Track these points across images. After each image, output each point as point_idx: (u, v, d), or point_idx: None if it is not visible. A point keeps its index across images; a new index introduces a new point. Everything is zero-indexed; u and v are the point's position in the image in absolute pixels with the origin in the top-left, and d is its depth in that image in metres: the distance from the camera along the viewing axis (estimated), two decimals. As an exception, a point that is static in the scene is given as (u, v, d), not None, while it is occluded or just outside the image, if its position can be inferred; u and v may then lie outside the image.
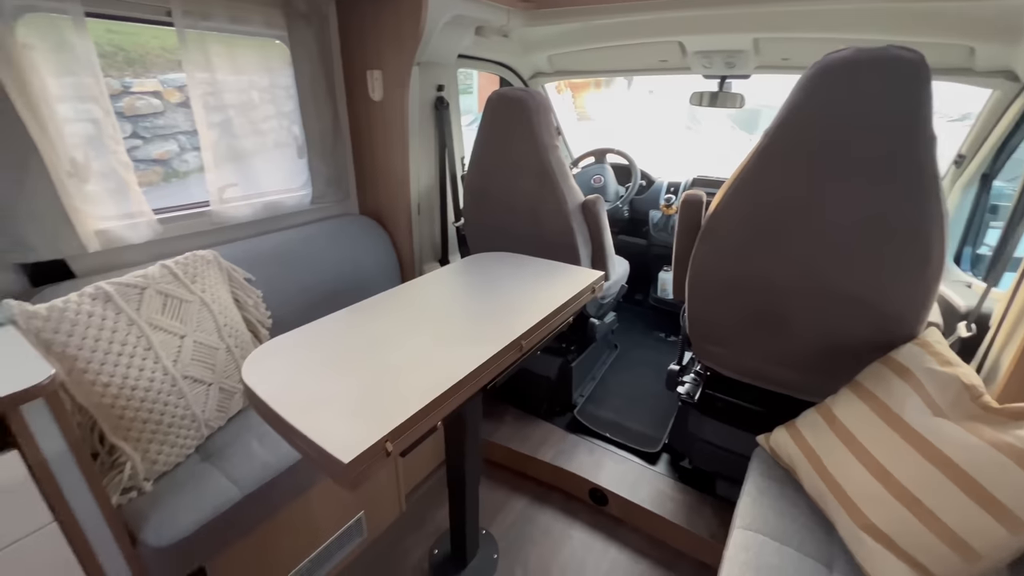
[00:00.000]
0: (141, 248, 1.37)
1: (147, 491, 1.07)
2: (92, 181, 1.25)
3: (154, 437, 1.10)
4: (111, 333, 1.05)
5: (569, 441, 1.92)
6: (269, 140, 1.70)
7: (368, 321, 1.13)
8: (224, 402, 1.26)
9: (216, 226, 1.54)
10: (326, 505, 1.40)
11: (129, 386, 1.05)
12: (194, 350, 1.19)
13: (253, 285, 1.46)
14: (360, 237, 1.89)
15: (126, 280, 1.12)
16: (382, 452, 0.76)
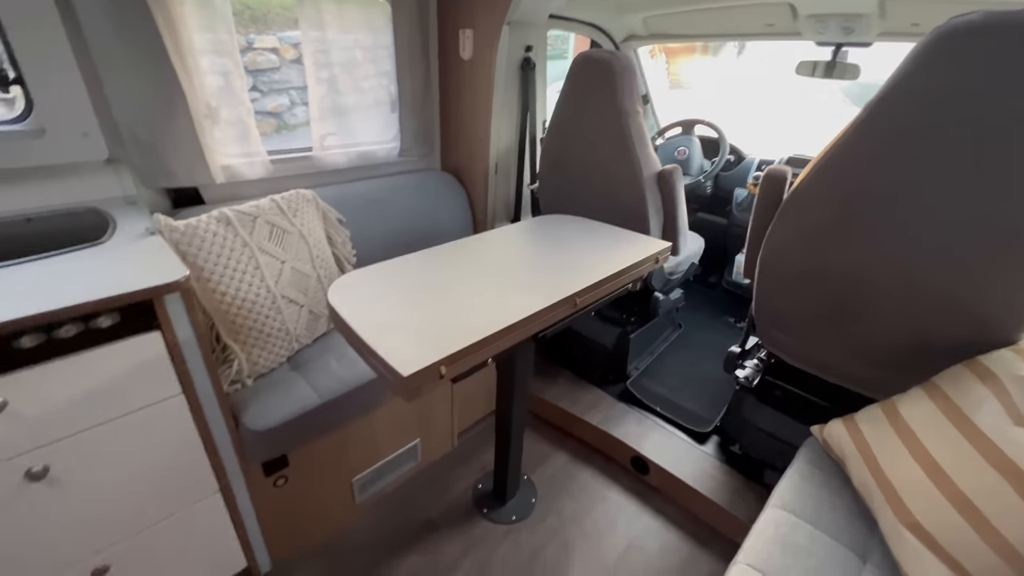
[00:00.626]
0: (255, 184, 1.58)
1: (248, 386, 1.29)
2: (222, 123, 1.45)
3: (256, 343, 1.30)
4: (229, 251, 1.24)
5: (618, 409, 1.95)
6: (367, 96, 1.84)
7: (439, 264, 1.24)
8: (312, 323, 1.45)
9: (316, 170, 1.73)
10: (388, 426, 1.58)
11: (240, 297, 1.25)
12: (292, 275, 1.37)
13: (343, 225, 1.63)
14: (440, 192, 2.00)
15: (243, 208, 1.31)
16: (436, 374, 0.86)
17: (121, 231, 1.14)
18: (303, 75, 1.62)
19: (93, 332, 0.90)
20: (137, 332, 0.95)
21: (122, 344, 0.93)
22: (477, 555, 1.50)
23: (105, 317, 0.90)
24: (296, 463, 1.36)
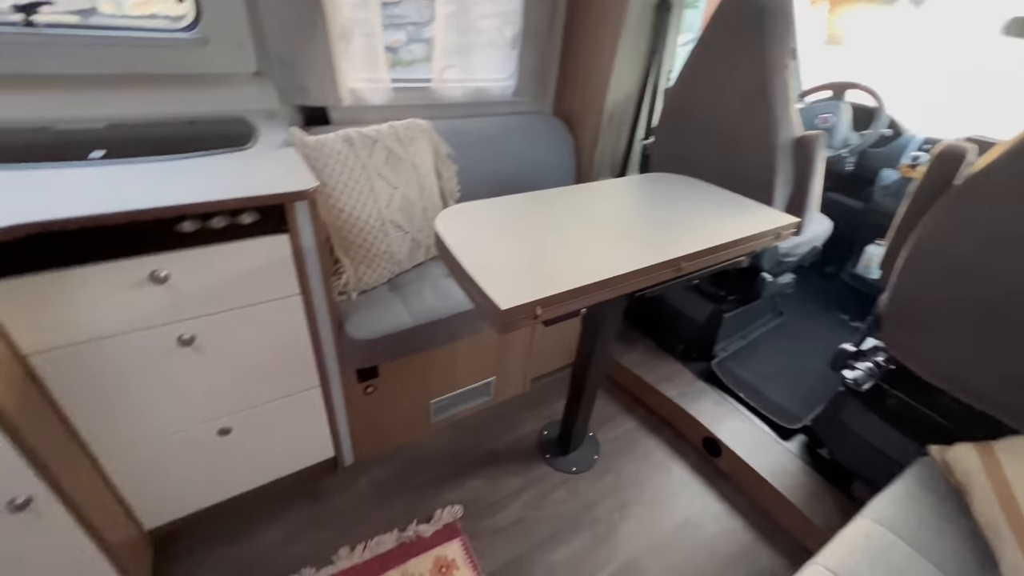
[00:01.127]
0: (376, 109, 1.64)
1: (352, 299, 1.40)
2: (354, 46, 1.50)
3: (363, 261, 1.40)
4: (350, 171, 1.32)
5: (696, 387, 1.88)
6: (490, 29, 1.80)
7: (545, 208, 1.23)
8: (413, 251, 1.52)
9: (432, 102, 1.75)
10: (468, 360, 1.65)
11: (354, 216, 1.34)
12: (400, 202, 1.43)
13: (451, 160, 1.66)
14: (547, 137, 1.95)
15: (365, 131, 1.37)
16: (532, 313, 0.87)
17: (262, 140, 1.25)
18: (421, 11, 1.61)
19: (238, 227, 1.01)
20: (271, 232, 1.05)
21: (258, 241, 1.05)
22: (534, 492, 1.56)
23: (247, 214, 1.01)
24: (385, 376, 1.47)
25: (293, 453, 1.43)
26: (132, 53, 1.24)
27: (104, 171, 0.99)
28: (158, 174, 1.00)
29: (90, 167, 1.00)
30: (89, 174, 0.97)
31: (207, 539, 1.36)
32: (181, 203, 0.90)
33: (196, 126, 1.30)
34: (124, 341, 1.00)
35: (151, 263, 0.95)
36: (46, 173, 0.95)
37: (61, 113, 1.23)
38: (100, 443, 1.08)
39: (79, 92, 1.24)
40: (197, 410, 1.17)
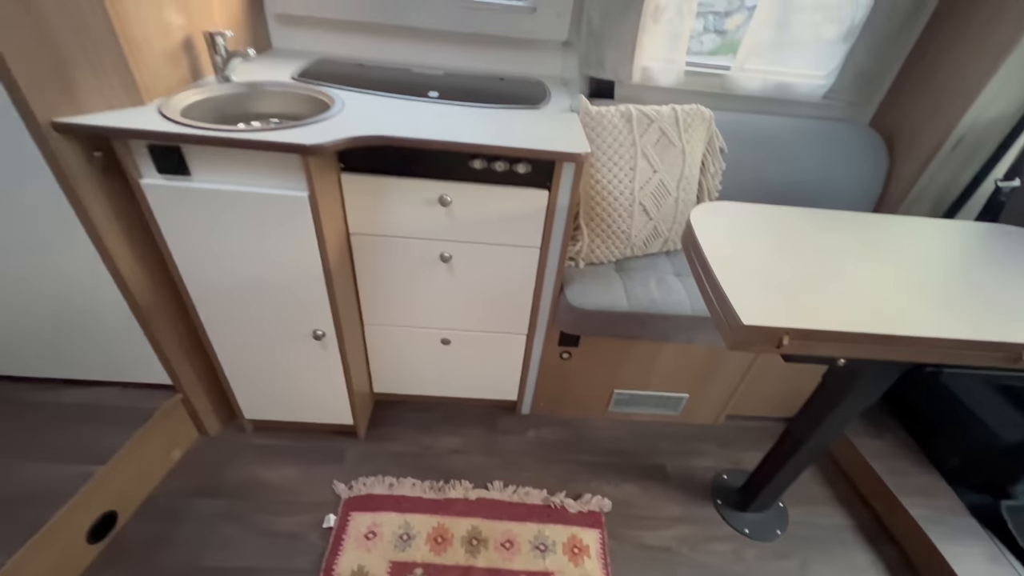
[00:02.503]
0: (662, 91, 1.60)
1: (580, 267, 1.45)
2: (662, 23, 1.48)
3: (600, 233, 1.42)
4: (619, 145, 1.33)
5: (963, 523, 1.38)
6: (816, 20, 1.54)
7: (829, 230, 1.03)
8: (651, 239, 1.48)
9: (723, 91, 1.62)
10: (668, 367, 1.56)
11: (607, 189, 1.36)
12: (656, 187, 1.39)
13: (722, 157, 1.52)
14: (852, 151, 1.61)
15: (645, 110, 1.36)
16: (775, 339, 0.75)
17: (552, 103, 1.35)
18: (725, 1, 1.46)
19: (513, 174, 1.13)
20: (535, 186, 1.15)
21: (524, 191, 1.16)
22: (691, 530, 1.42)
23: (523, 164, 1.12)
24: (584, 348, 1.51)
25: (486, 384, 1.61)
26: (477, 15, 1.48)
27: (434, 108, 1.22)
28: (469, 117, 1.19)
29: (426, 103, 1.24)
30: (425, 108, 1.21)
31: (407, 418, 1.66)
32: (479, 143, 1.05)
33: (505, 83, 1.49)
34: (407, 244, 1.25)
35: (443, 188, 1.15)
36: (399, 103, 1.23)
37: (418, 60, 1.57)
38: (368, 315, 1.41)
39: (432, 44, 1.55)
40: (434, 316, 1.41)
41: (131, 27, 0.98)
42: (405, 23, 1.49)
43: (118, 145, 0.97)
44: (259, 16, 1.47)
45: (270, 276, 1.17)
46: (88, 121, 0.92)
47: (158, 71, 1.07)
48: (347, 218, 1.20)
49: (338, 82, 1.30)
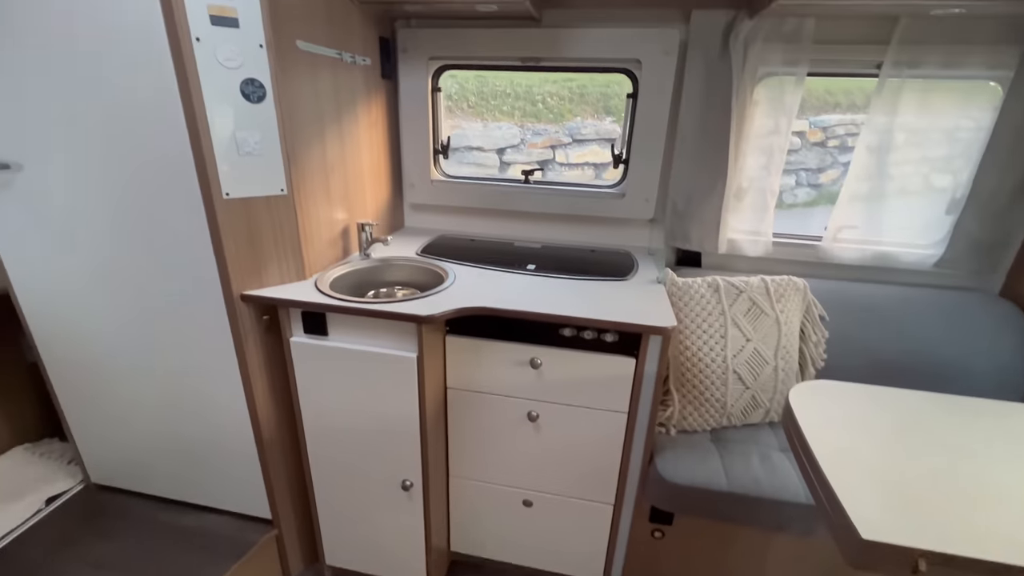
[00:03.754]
0: (749, 260, 1.65)
1: (671, 434, 1.39)
2: (745, 202, 1.60)
3: (692, 400, 1.38)
4: (707, 314, 1.36)
5: None
6: (918, 187, 1.56)
7: (961, 420, 0.91)
8: (750, 409, 1.39)
9: (816, 260, 1.62)
10: (787, 565, 1.32)
11: (697, 356, 1.35)
12: (751, 355, 1.36)
13: (824, 324, 1.47)
14: (985, 325, 1.46)
15: (733, 280, 1.40)
16: (909, 562, 0.64)
17: (639, 274, 1.46)
18: (820, 158, 1.54)
19: (601, 342, 1.20)
20: (623, 353, 1.20)
21: (611, 358, 1.20)
22: None
23: (611, 334, 1.18)
24: (679, 528, 1.36)
25: (569, 556, 1.48)
26: (573, 200, 1.72)
27: (531, 280, 1.38)
28: (562, 289, 1.32)
29: (525, 276, 1.41)
30: (523, 281, 1.37)
31: (482, 588, 1.54)
32: (570, 315, 1.15)
33: (596, 254, 1.65)
34: (498, 400, 1.31)
35: (535, 352, 1.24)
36: (501, 275, 1.41)
37: (520, 234, 1.82)
38: (455, 467, 1.43)
39: (533, 222, 1.80)
40: (518, 474, 1.40)
41: (309, 224, 1.30)
42: (511, 208, 1.78)
43: (281, 311, 1.22)
44: (398, 204, 1.86)
45: (372, 424, 1.28)
46: (266, 294, 1.19)
47: (320, 252, 1.37)
48: (447, 374, 1.32)
49: (452, 256, 1.54)
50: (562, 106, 2.84)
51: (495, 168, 2.90)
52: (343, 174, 1.43)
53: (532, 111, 2.92)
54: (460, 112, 2.33)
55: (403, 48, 1.64)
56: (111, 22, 0.98)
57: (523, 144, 3.00)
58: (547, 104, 2.83)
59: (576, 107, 2.77)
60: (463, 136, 2.44)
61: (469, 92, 2.61)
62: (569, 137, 3.08)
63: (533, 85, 2.61)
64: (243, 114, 1.08)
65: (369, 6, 1.42)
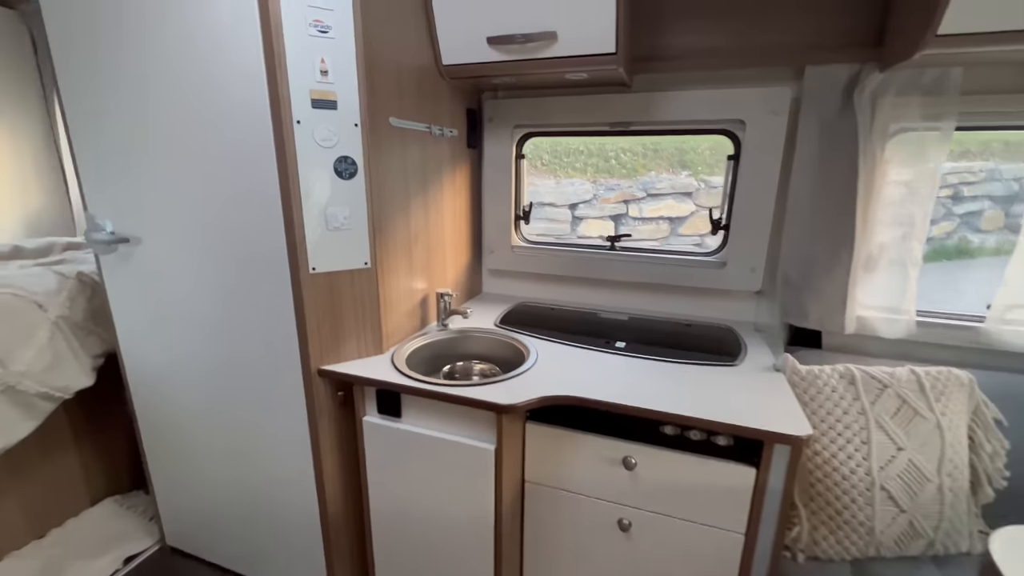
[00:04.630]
0: (885, 343, 1.38)
1: (799, 561, 1.12)
2: (878, 273, 1.35)
3: (826, 520, 1.11)
4: (842, 413, 1.12)
5: None
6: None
7: None
8: (906, 537, 1.09)
9: (978, 346, 1.32)
10: None
11: (832, 466, 1.10)
12: (905, 468, 1.08)
13: (1001, 431, 1.15)
14: None
15: (872, 371, 1.15)
16: None
17: (749, 358, 1.25)
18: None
19: (710, 444, 1.00)
20: (739, 460, 0.99)
21: (724, 464, 1.00)
22: None
23: (723, 437, 0.99)
24: None
25: None
26: (665, 269, 1.57)
27: (622, 362, 1.23)
28: (659, 374, 1.15)
29: (614, 356, 1.26)
30: (613, 363, 1.22)
31: None
32: (673, 412, 0.98)
33: (692, 329, 1.47)
34: (583, 502, 1.14)
35: (629, 449, 1.07)
36: (588, 355, 1.28)
37: (605, 303, 1.69)
38: (530, 573, 1.25)
39: (619, 291, 1.67)
40: (604, 593, 1.18)
41: (390, 295, 1.26)
42: (595, 276, 1.66)
43: (356, 389, 1.17)
44: (477, 270, 1.81)
45: (443, 517, 1.16)
46: (342, 369, 1.14)
47: (399, 324, 1.32)
48: (525, 465, 1.18)
49: (533, 327, 1.44)
50: (635, 161, 2.78)
51: (567, 223, 2.86)
52: (425, 243, 1.41)
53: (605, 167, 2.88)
54: (533, 170, 2.32)
55: (489, 118, 1.65)
56: (224, 109, 1.04)
57: (595, 199, 2.96)
58: (620, 160, 2.78)
59: (650, 162, 2.69)
60: (535, 193, 2.43)
61: (543, 151, 2.62)
62: (643, 191, 2.98)
63: (607, 143, 2.58)
64: (335, 190, 1.08)
65: (460, 81, 1.44)
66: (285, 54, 0.97)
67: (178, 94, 1.08)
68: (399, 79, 1.20)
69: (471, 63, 1.32)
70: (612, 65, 1.22)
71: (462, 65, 1.33)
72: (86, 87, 1.18)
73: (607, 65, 1.22)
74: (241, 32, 0.98)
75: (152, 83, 1.10)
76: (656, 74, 1.44)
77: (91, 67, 1.16)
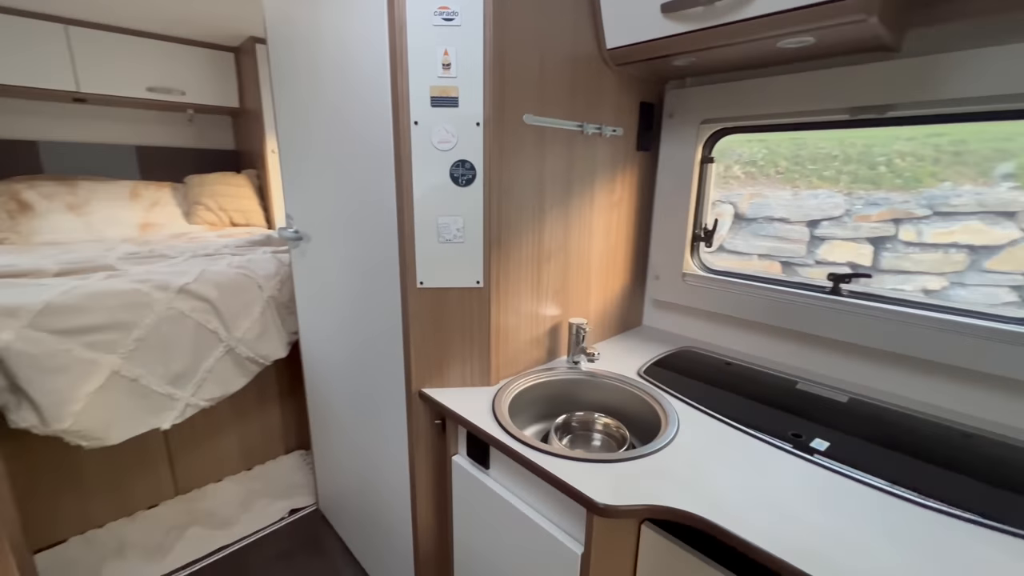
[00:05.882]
0: None
1: None
2: None
3: None
4: None
5: None
6: None
7: None
8: None
9: None
10: None
11: None
12: None
13: None
14: None
15: None
16: None
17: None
18: None
19: None
20: None
21: None
22: None
23: None
24: None
25: None
26: (930, 334, 0.99)
27: (817, 477, 0.78)
28: (887, 521, 0.68)
29: (803, 462, 0.82)
30: (798, 472, 0.79)
31: None
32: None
33: (974, 442, 0.87)
34: (713, 672, 0.76)
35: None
36: (756, 447, 0.86)
37: (812, 369, 1.18)
38: None
39: (840, 355, 1.13)
40: None
41: (507, 321, 1.09)
42: (803, 329, 1.17)
43: (448, 422, 1.04)
44: (637, 299, 1.49)
45: (524, 606, 0.93)
46: (438, 397, 1.02)
47: (517, 353, 1.14)
48: (636, 579, 0.86)
49: (691, 383, 1.08)
50: (919, 168, 1.94)
51: (802, 243, 2.21)
52: (562, 263, 1.19)
53: (868, 176, 2.12)
54: (765, 179, 1.82)
55: (669, 113, 1.32)
56: (359, 114, 1.03)
57: (848, 216, 2.21)
58: (893, 167, 1.98)
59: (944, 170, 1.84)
60: (764, 206, 1.91)
61: (780, 157, 2.05)
62: (927, 208, 2.09)
63: (874, 144, 1.86)
64: (449, 198, 0.96)
65: (630, 67, 1.16)
66: (407, 48, 0.89)
67: (328, 106, 1.12)
68: (541, 69, 1.01)
69: (641, 42, 1.04)
70: (860, 15, 0.78)
71: (630, 47, 1.06)
72: (287, 110, 1.35)
73: (852, 16, 0.79)
74: (373, 33, 0.94)
75: (316, 97, 1.17)
76: (951, 24, 0.90)
77: (291, 95, 1.32)
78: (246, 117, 2.67)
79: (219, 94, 2.55)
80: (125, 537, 1.62)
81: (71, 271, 1.57)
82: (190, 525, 1.69)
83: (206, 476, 1.88)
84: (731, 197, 1.45)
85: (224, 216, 2.57)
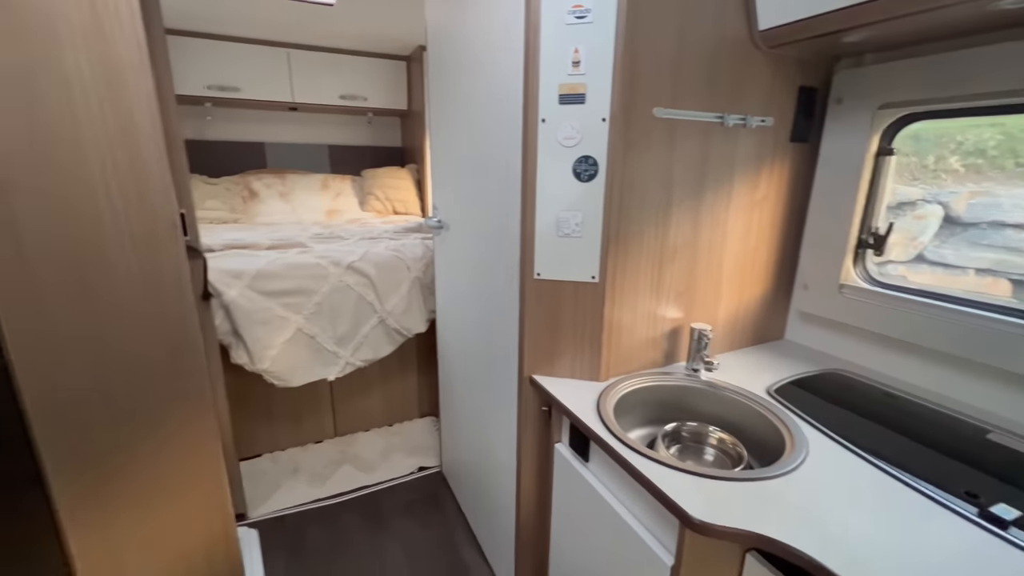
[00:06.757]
0: None
1: None
2: None
3: None
4: None
5: None
6: None
7: None
8: None
9: None
10: None
11: None
12: None
13: None
14: None
15: None
16: None
17: None
18: None
19: None
20: None
21: None
22: None
23: None
24: None
25: None
26: None
27: (991, 551, 0.63)
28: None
29: (974, 528, 0.66)
30: (963, 541, 0.64)
31: None
32: None
33: None
34: None
35: None
36: (914, 501, 0.72)
37: (1006, 415, 0.93)
38: None
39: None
40: None
41: (621, 318, 1.08)
42: (998, 364, 0.93)
43: (554, 410, 1.07)
44: (780, 308, 1.33)
45: (612, 605, 0.93)
46: (545, 384, 1.07)
47: (631, 352, 1.12)
48: (736, 610, 0.79)
49: (830, 415, 0.94)
50: None
51: None
52: (688, 262, 1.12)
53: None
54: (997, 174, 1.45)
55: (837, 98, 1.14)
56: (494, 113, 1.11)
57: None
58: None
59: None
60: (993, 205, 1.52)
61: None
62: None
63: None
64: (570, 193, 0.99)
65: (786, 48, 1.04)
66: (540, 48, 0.93)
67: (469, 104, 1.22)
68: (677, 59, 0.96)
69: (799, 20, 0.92)
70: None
71: (791, 25, 0.95)
72: (438, 110, 1.51)
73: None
74: (511, 35, 0.99)
75: (460, 97, 1.28)
76: None
77: (441, 95, 1.46)
78: (412, 117, 3.02)
79: (392, 98, 2.93)
80: (299, 462, 2.02)
81: (277, 246, 1.99)
82: (343, 463, 2.02)
83: (357, 425, 2.23)
84: (941, 195, 1.19)
85: (389, 205, 2.96)
